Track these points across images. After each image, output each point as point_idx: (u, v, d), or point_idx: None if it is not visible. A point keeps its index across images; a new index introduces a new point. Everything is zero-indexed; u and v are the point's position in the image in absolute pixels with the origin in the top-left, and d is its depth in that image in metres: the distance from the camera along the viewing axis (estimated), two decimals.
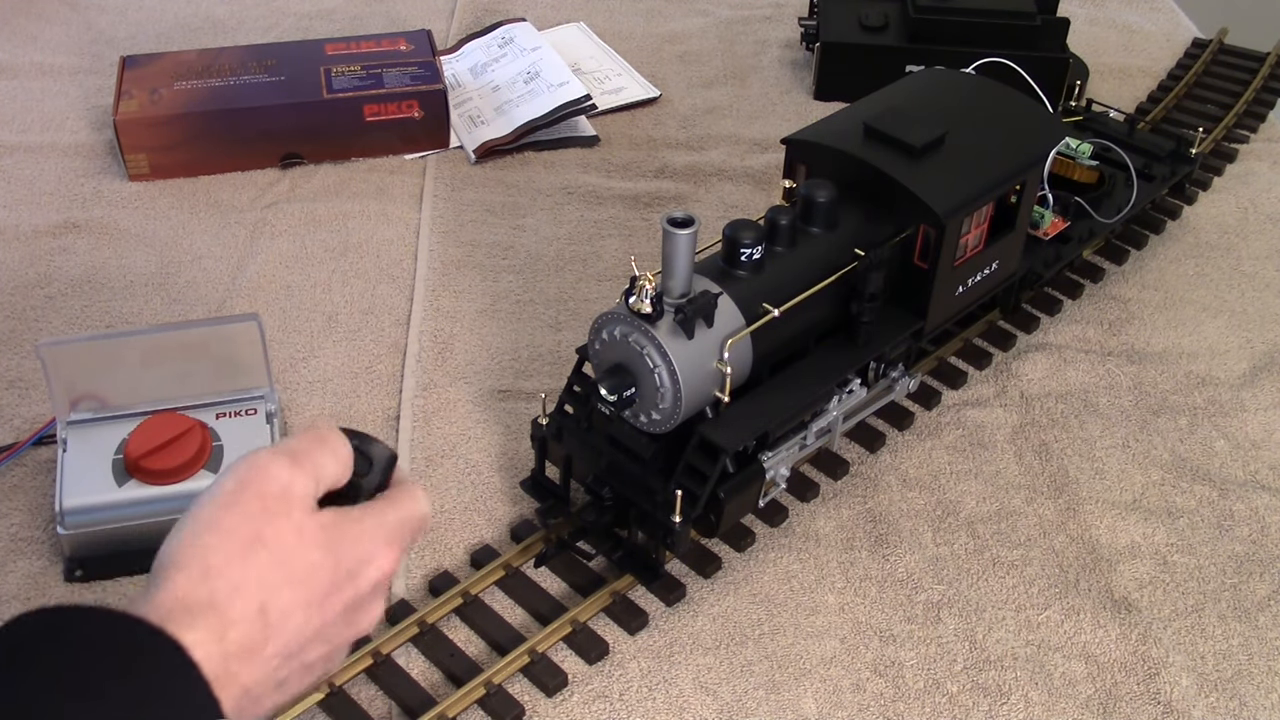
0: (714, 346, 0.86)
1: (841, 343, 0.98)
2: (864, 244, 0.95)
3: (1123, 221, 1.26)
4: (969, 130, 1.03)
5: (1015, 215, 1.06)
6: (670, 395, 0.85)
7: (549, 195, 1.38)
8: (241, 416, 0.97)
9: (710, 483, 0.87)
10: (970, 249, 1.02)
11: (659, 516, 0.88)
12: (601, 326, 0.88)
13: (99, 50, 1.65)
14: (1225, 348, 1.19)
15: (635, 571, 0.92)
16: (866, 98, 1.09)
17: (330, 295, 1.23)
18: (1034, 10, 1.51)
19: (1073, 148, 1.26)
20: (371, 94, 1.40)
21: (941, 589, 0.95)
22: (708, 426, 0.88)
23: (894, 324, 1.00)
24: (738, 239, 0.89)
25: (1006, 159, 1.02)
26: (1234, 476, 1.05)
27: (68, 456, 0.94)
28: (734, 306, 0.88)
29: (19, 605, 0.91)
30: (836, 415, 0.99)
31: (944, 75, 1.15)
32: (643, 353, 0.85)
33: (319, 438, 0.59)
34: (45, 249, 1.28)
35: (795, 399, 0.93)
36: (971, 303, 1.08)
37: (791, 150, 1.04)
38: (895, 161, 0.97)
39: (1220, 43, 1.71)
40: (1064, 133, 1.12)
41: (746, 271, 0.90)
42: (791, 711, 0.86)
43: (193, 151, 1.38)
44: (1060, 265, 1.20)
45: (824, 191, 0.94)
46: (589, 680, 0.87)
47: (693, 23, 1.77)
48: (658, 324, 0.84)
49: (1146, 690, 0.88)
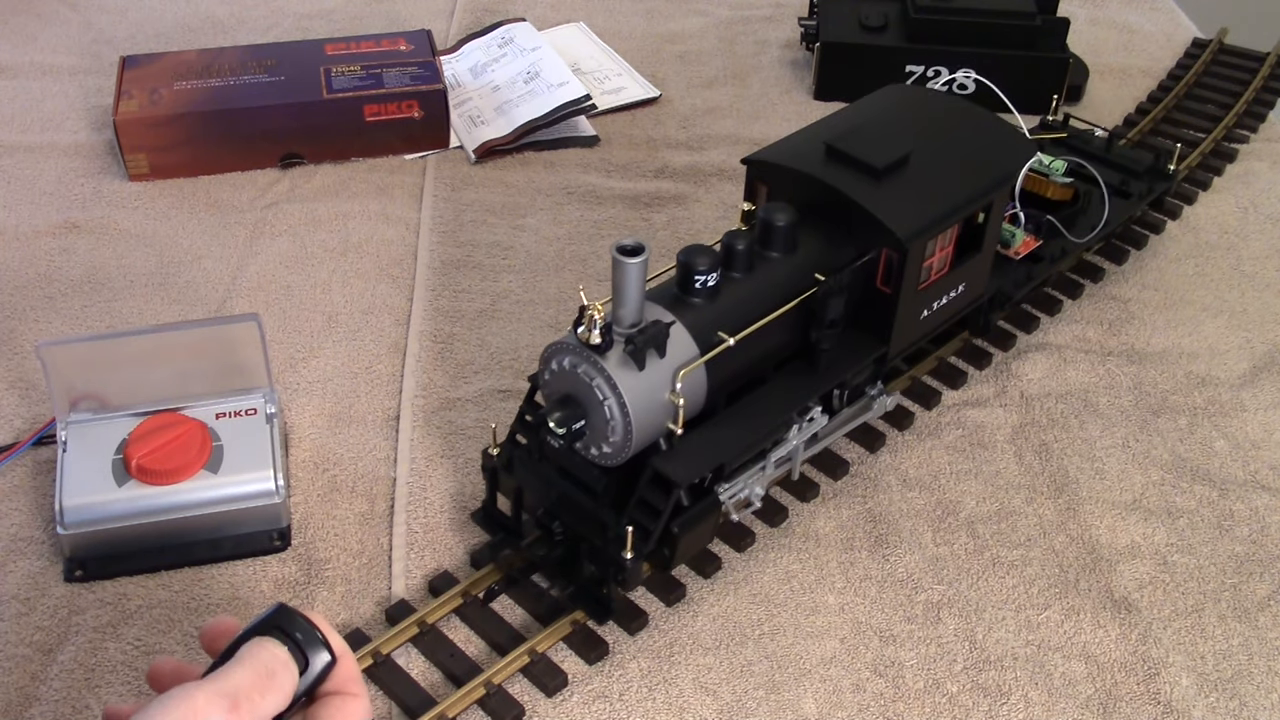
0: (666, 377, 0.83)
1: (802, 369, 0.95)
2: (824, 268, 0.92)
3: (1096, 241, 1.23)
4: (935, 149, 1.00)
5: (982, 236, 1.02)
6: (620, 428, 0.83)
7: (549, 195, 1.38)
8: (241, 416, 0.97)
9: (663, 517, 0.84)
10: (935, 272, 0.99)
11: (610, 552, 0.85)
12: (551, 356, 0.85)
13: (99, 50, 1.65)
14: (1225, 348, 1.19)
15: (587, 608, 0.89)
16: (830, 115, 1.06)
17: (330, 295, 1.23)
18: (1034, 10, 1.51)
19: (1045, 164, 1.23)
20: (371, 94, 1.40)
21: (941, 589, 0.95)
22: (660, 459, 0.85)
23: (856, 349, 0.97)
24: (692, 265, 0.86)
25: (973, 179, 0.99)
26: (1234, 476, 1.05)
27: (68, 456, 0.94)
28: (687, 335, 0.85)
29: (19, 605, 0.91)
30: (797, 444, 0.96)
31: (911, 92, 1.11)
32: (592, 384, 0.82)
33: (266, 674, 0.55)
34: (45, 249, 1.28)
35: (752, 430, 0.90)
36: (938, 326, 1.05)
37: (751, 170, 1.01)
38: (856, 183, 0.94)
39: (1220, 43, 1.71)
40: (1033, 151, 1.09)
41: (701, 299, 0.87)
42: (791, 711, 0.86)
43: (193, 151, 1.38)
44: (1032, 285, 1.17)
45: (783, 214, 0.91)
46: (589, 680, 0.87)
47: (693, 23, 1.77)
48: (607, 355, 0.81)
49: (1146, 690, 0.88)
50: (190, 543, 0.94)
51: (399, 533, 0.97)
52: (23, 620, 0.90)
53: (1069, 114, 1.37)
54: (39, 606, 0.91)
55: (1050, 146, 1.32)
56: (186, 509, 0.92)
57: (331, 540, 0.97)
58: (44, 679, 0.86)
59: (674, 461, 0.85)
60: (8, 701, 0.84)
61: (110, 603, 0.91)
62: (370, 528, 0.98)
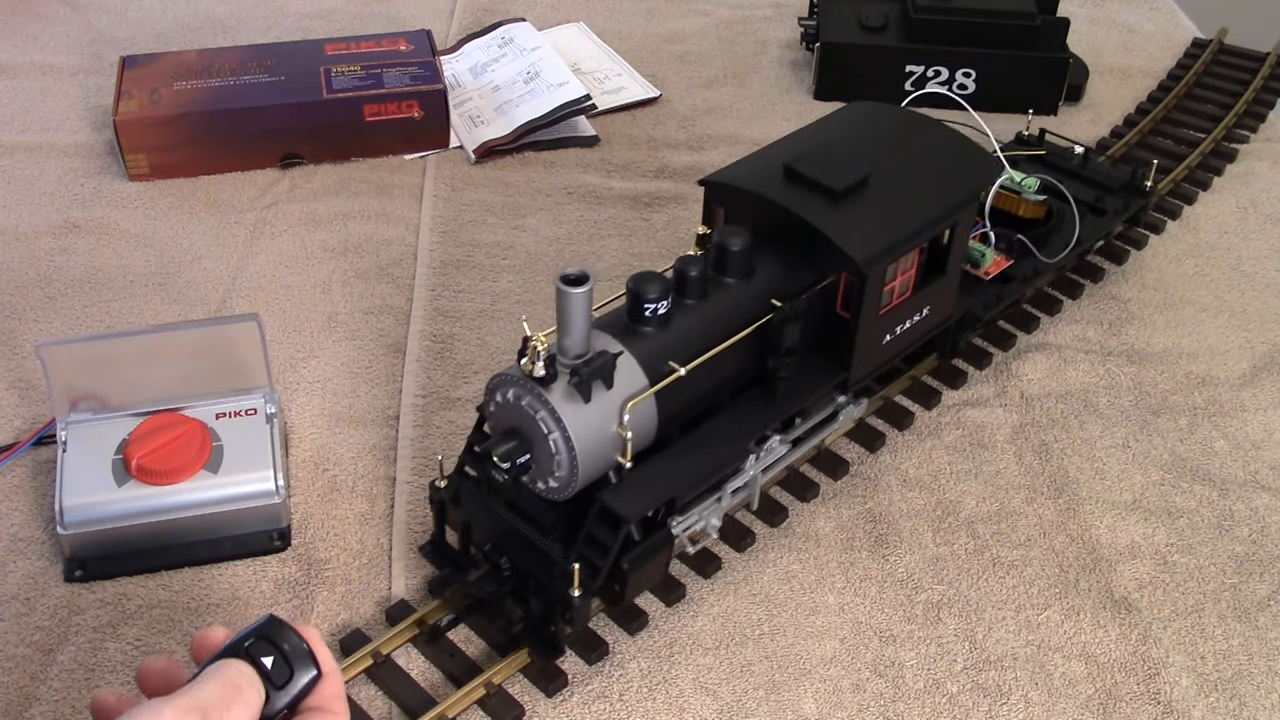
0: (613, 409, 0.81)
1: (759, 397, 0.93)
2: (782, 293, 0.90)
3: (1069, 259, 1.21)
4: (896, 170, 0.97)
5: (947, 258, 1.00)
6: (566, 462, 0.80)
7: (549, 195, 1.38)
8: (241, 416, 0.97)
9: (611, 554, 0.82)
10: (897, 296, 0.96)
11: (557, 589, 0.82)
12: (495, 388, 0.83)
13: (99, 50, 1.65)
14: (1225, 348, 1.19)
15: (535, 645, 0.86)
16: (791, 134, 1.03)
17: (330, 295, 1.23)
18: (1034, 10, 1.51)
19: (1017, 182, 1.20)
20: (371, 94, 1.40)
21: (941, 589, 0.95)
22: (609, 494, 0.83)
23: (816, 376, 0.95)
24: (641, 293, 0.83)
25: (935, 200, 0.96)
26: (1234, 476, 1.05)
27: (68, 456, 0.94)
28: (636, 366, 0.83)
29: (19, 605, 0.91)
30: (754, 474, 0.93)
31: (875, 110, 1.07)
32: (536, 417, 0.79)
33: (233, 688, 0.56)
34: (45, 249, 1.28)
35: (706, 461, 0.88)
36: (901, 351, 1.02)
37: (708, 192, 0.98)
38: (814, 206, 0.91)
39: (1220, 43, 1.71)
40: (999, 170, 1.06)
41: (652, 327, 0.85)
42: (791, 711, 0.86)
43: (193, 151, 1.38)
44: (1002, 306, 1.15)
45: (738, 239, 0.89)
46: (589, 680, 0.87)
47: (693, 23, 1.77)
48: (552, 387, 0.79)
49: (1146, 690, 0.88)
50: (190, 543, 0.94)
51: (399, 533, 0.97)
52: (23, 620, 0.90)
53: (1045, 130, 1.36)
54: (39, 606, 0.91)
55: (1026, 163, 1.30)
56: (186, 509, 0.92)
57: (331, 540, 0.97)
58: (44, 679, 0.86)
59: (623, 496, 0.83)
60: (8, 701, 0.84)
61: (110, 603, 0.91)
62: (370, 528, 0.98)
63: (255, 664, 0.58)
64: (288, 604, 0.92)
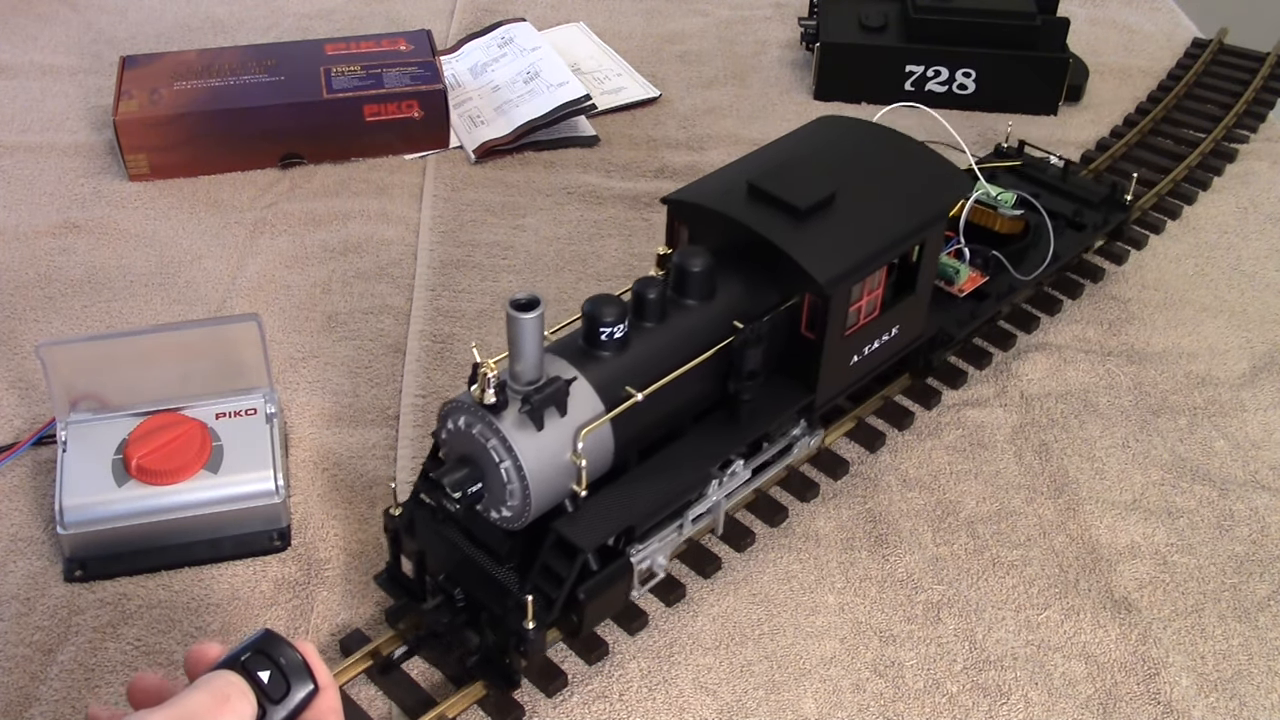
0: (567, 437, 0.79)
1: (722, 421, 0.90)
2: (744, 315, 0.88)
3: (1047, 276, 1.19)
4: (863, 187, 0.95)
5: (916, 277, 0.98)
6: (518, 491, 0.78)
7: (549, 195, 1.38)
8: (241, 416, 0.97)
9: (566, 585, 0.80)
10: (864, 316, 0.94)
11: (510, 622, 0.80)
12: (448, 415, 0.80)
13: (99, 50, 1.65)
14: (1225, 348, 1.19)
15: (490, 678, 0.84)
16: (758, 149, 1.01)
17: (330, 295, 1.23)
18: (1034, 10, 1.51)
19: (993, 196, 1.18)
20: (371, 94, 1.40)
21: (941, 589, 0.95)
22: (564, 523, 0.81)
23: (781, 398, 0.93)
24: (597, 317, 0.81)
25: (903, 218, 0.94)
26: (1234, 476, 1.05)
27: (68, 456, 0.94)
28: (592, 391, 0.81)
29: (19, 605, 0.91)
30: (718, 499, 0.91)
31: (844, 125, 1.04)
32: (487, 446, 0.77)
33: (221, 698, 0.56)
34: (45, 249, 1.28)
35: (665, 488, 0.85)
36: (869, 372, 1.00)
37: (671, 210, 0.96)
38: (777, 225, 0.89)
39: (1220, 43, 1.71)
40: (969, 187, 1.03)
41: (609, 351, 0.82)
42: (791, 711, 0.86)
43: (193, 151, 1.38)
44: (977, 324, 1.12)
45: (698, 260, 0.86)
46: (589, 680, 0.87)
47: (693, 23, 1.77)
48: (503, 414, 0.77)
49: (1146, 690, 0.88)
50: (190, 543, 0.94)
51: None
52: (23, 620, 0.90)
53: (1024, 141, 1.34)
54: (39, 606, 0.91)
55: (1005, 175, 1.28)
56: (186, 509, 0.92)
57: (331, 540, 0.97)
58: (44, 679, 0.86)
59: (578, 525, 0.81)
60: (8, 701, 0.84)
61: (110, 603, 0.91)
62: (370, 528, 0.98)
63: (251, 678, 0.58)
64: (288, 604, 0.92)
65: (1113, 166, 1.44)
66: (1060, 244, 1.19)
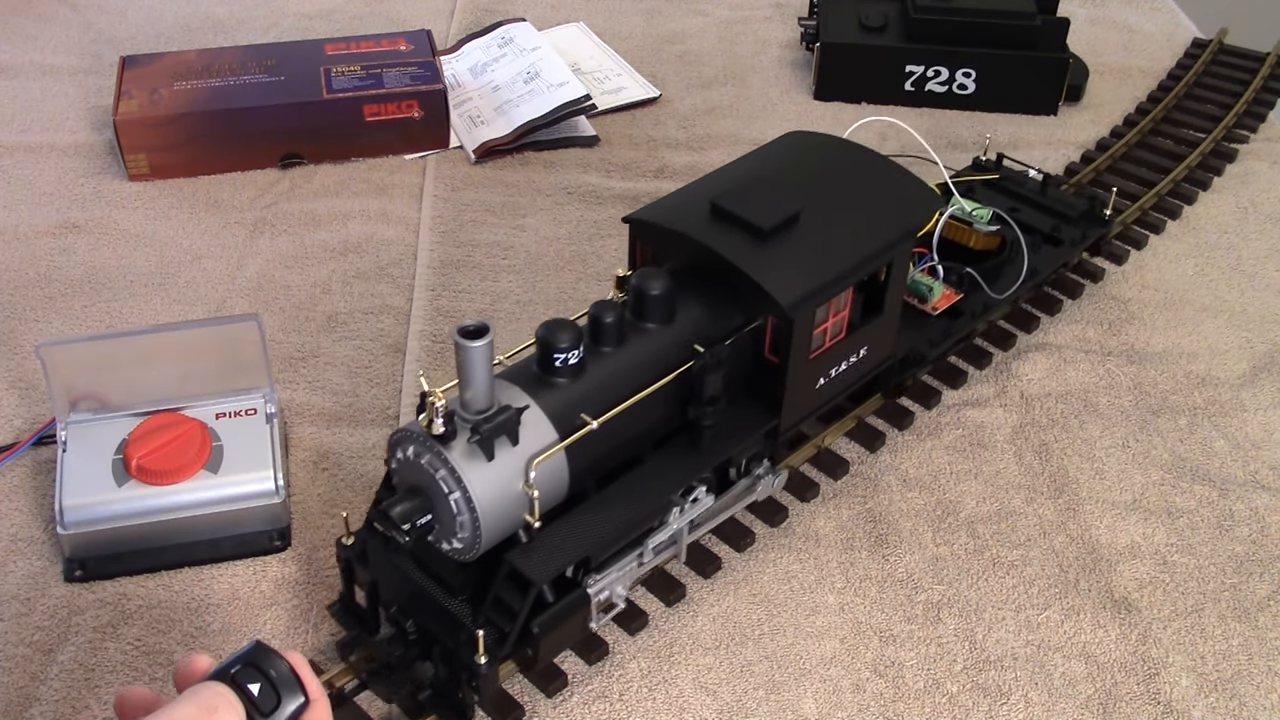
0: (519, 467, 0.77)
1: (684, 447, 0.88)
2: (706, 338, 0.86)
3: (1024, 293, 1.17)
4: (830, 206, 0.92)
5: (884, 298, 0.95)
6: (469, 524, 0.76)
7: (549, 195, 1.38)
8: (241, 416, 0.97)
9: (520, 619, 0.78)
10: (829, 338, 0.91)
11: (462, 656, 0.78)
12: (397, 444, 0.78)
13: (99, 50, 1.65)
14: (1225, 348, 1.19)
15: (442, 713, 0.82)
16: (723, 167, 0.99)
17: (330, 295, 1.23)
18: (1034, 10, 1.51)
19: (968, 212, 1.16)
20: (371, 94, 1.40)
21: (941, 589, 0.95)
22: (517, 554, 0.79)
23: (744, 423, 0.90)
24: (551, 342, 0.79)
25: (871, 238, 0.91)
26: (1234, 476, 1.05)
27: (68, 456, 0.94)
28: (545, 420, 0.79)
29: (19, 605, 0.91)
30: (680, 528, 0.89)
31: (813, 141, 1.01)
32: (436, 477, 0.75)
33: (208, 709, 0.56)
34: (45, 249, 1.28)
35: (623, 517, 0.83)
36: (836, 395, 0.97)
37: (633, 230, 0.93)
38: (740, 246, 0.87)
39: (1220, 43, 1.71)
40: (938, 206, 1.00)
41: (564, 378, 0.80)
42: (791, 711, 0.86)
43: (193, 151, 1.38)
44: (951, 343, 1.10)
45: (657, 282, 0.84)
46: (589, 680, 0.87)
47: (693, 23, 1.77)
48: (452, 444, 0.75)
49: (1146, 690, 0.88)
50: (190, 543, 0.94)
51: None
52: (23, 620, 0.90)
53: (1003, 154, 1.32)
54: (39, 606, 0.91)
55: (982, 189, 1.26)
56: (186, 509, 0.92)
57: (331, 540, 0.97)
58: (44, 679, 0.86)
59: (532, 557, 0.79)
60: (8, 701, 0.84)
61: (110, 603, 0.91)
62: None
63: (241, 690, 0.58)
64: (288, 604, 0.92)
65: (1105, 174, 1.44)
66: (1037, 260, 1.17)
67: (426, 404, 0.74)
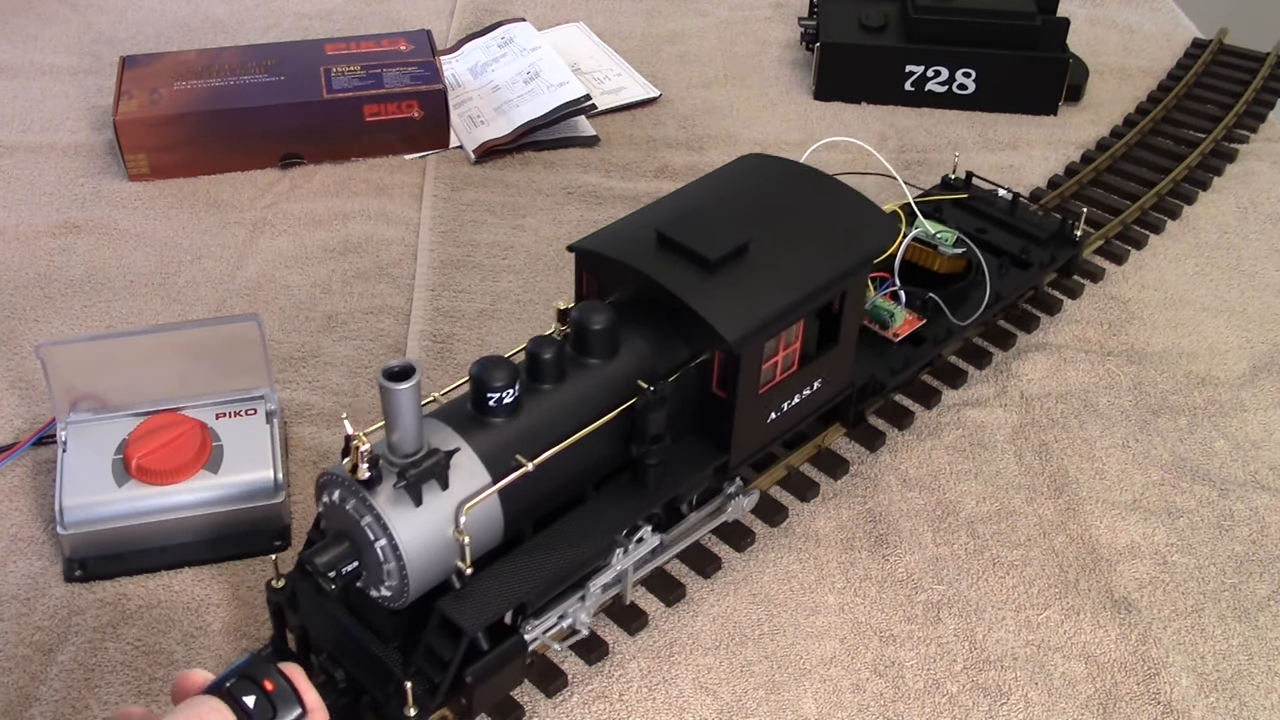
0: (449, 512, 0.74)
1: (629, 486, 0.85)
2: (650, 373, 0.83)
3: (991, 316, 1.14)
4: (782, 234, 0.89)
5: (839, 328, 0.92)
6: (395, 571, 0.73)
7: (549, 195, 1.38)
8: (241, 416, 0.97)
9: (451, 669, 0.75)
10: (780, 371, 0.88)
11: (391, 710, 0.75)
12: (323, 487, 0.75)
13: (99, 50, 1.65)
14: (1225, 348, 1.19)
15: None
16: (675, 192, 0.95)
17: (330, 295, 1.23)
18: (1034, 10, 1.51)
19: (932, 235, 1.12)
20: (371, 94, 1.40)
21: (941, 589, 0.95)
22: (448, 602, 0.76)
23: (692, 460, 0.87)
24: (485, 381, 0.76)
25: (823, 268, 0.87)
26: (1234, 476, 1.05)
27: (68, 456, 0.94)
28: (477, 462, 0.75)
29: (19, 605, 0.91)
30: (625, 568, 0.86)
31: (767, 165, 0.98)
32: (362, 523, 0.72)
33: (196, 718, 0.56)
34: (45, 249, 1.28)
35: (561, 561, 0.80)
36: (793, 426, 0.94)
37: (579, 259, 0.90)
38: (685, 278, 0.83)
39: (1220, 43, 1.71)
40: (895, 232, 0.96)
41: (500, 417, 0.77)
42: (791, 711, 0.86)
43: (193, 151, 1.38)
44: (912, 371, 1.07)
45: (599, 316, 0.81)
46: (589, 680, 0.87)
47: (693, 23, 1.77)
48: (377, 489, 0.72)
49: (1146, 690, 0.88)
50: (190, 543, 0.94)
51: None
52: (23, 620, 0.90)
53: (971, 173, 1.29)
54: (39, 606, 0.91)
55: (950, 209, 1.23)
56: (186, 509, 0.92)
57: None
58: (44, 679, 0.86)
59: (465, 604, 0.76)
60: (8, 701, 0.84)
61: (110, 603, 0.91)
62: None
63: (237, 704, 0.57)
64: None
65: (1104, 174, 1.44)
66: (1003, 284, 1.14)
67: (350, 447, 0.71)
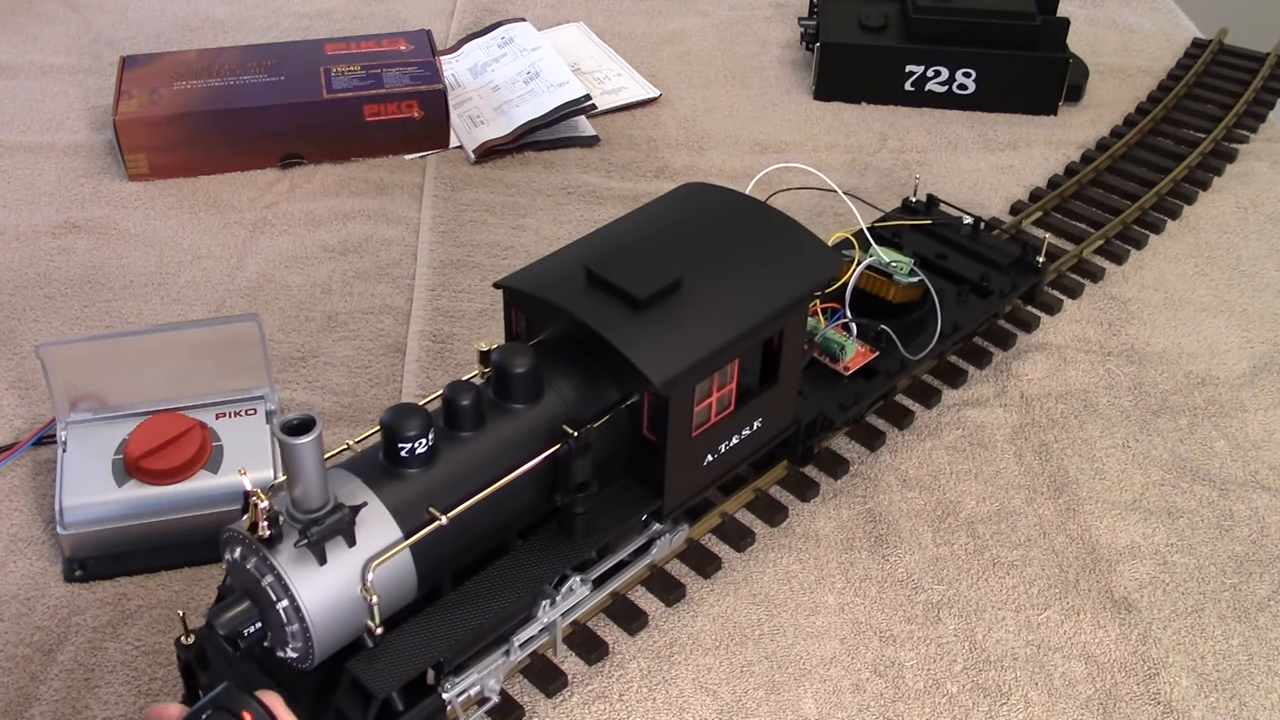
0: (356, 570, 0.71)
1: (555, 535, 0.81)
2: (576, 418, 0.79)
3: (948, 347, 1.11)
4: (717, 269, 0.85)
5: (778, 366, 0.88)
6: (299, 633, 0.70)
7: (549, 195, 1.38)
8: (241, 416, 0.97)
9: None
10: (715, 413, 0.84)
11: None
12: (226, 544, 0.72)
13: (99, 50, 1.65)
14: (1225, 348, 1.19)
15: None
16: (608, 225, 0.91)
17: (330, 295, 1.23)
18: (1034, 10, 1.51)
19: (886, 263, 1.09)
20: (371, 94, 1.40)
21: (941, 589, 0.95)
22: (358, 662, 0.72)
23: (624, 505, 0.84)
24: (396, 431, 0.73)
25: (758, 305, 0.84)
26: (1234, 476, 1.05)
27: (68, 456, 0.94)
28: (388, 516, 0.72)
29: (19, 605, 0.91)
30: (553, 620, 0.83)
31: (705, 196, 0.94)
32: (263, 583, 0.69)
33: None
34: (45, 249, 1.28)
35: (482, 616, 0.77)
36: (732, 468, 0.90)
37: (507, 297, 0.87)
38: (613, 317, 0.80)
39: (1220, 43, 1.71)
40: (835, 267, 0.93)
41: (413, 468, 0.74)
42: (791, 711, 0.86)
43: (193, 151, 1.38)
44: (863, 405, 1.03)
45: (520, 359, 0.78)
46: (589, 680, 0.87)
47: (693, 23, 1.77)
48: (279, 547, 0.69)
49: (1146, 690, 0.88)
50: (190, 543, 0.94)
51: None
52: (23, 620, 0.90)
53: (932, 195, 1.24)
54: (39, 606, 0.91)
55: (909, 234, 1.19)
56: (186, 509, 0.92)
57: None
58: (44, 679, 0.86)
59: (376, 664, 0.72)
60: (8, 701, 0.84)
61: (110, 603, 0.91)
62: None
63: None
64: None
65: (1105, 173, 1.44)
66: (958, 314, 1.10)
67: (249, 504, 0.68)
